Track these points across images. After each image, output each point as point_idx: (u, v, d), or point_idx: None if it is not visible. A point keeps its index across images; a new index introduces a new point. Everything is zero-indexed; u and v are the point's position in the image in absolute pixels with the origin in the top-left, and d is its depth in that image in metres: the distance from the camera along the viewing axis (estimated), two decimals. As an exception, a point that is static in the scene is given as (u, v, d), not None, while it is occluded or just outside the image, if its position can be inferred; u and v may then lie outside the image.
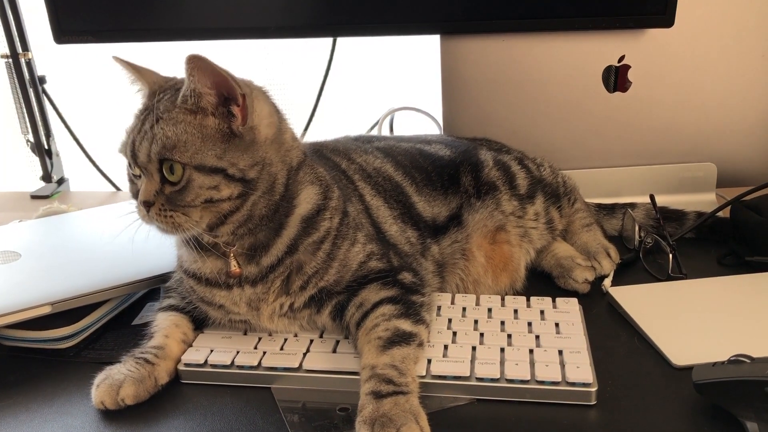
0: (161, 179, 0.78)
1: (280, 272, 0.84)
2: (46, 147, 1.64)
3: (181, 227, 0.78)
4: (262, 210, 0.82)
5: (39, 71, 1.59)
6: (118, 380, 0.79)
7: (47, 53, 1.57)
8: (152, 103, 0.80)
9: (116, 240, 0.87)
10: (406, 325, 0.81)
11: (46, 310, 0.89)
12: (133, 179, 0.83)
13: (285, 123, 0.88)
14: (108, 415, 0.78)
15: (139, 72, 0.84)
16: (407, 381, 0.74)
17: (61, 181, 1.68)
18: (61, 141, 1.66)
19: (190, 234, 0.80)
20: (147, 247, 0.91)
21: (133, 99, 0.86)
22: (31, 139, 1.62)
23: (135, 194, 0.82)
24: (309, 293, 0.86)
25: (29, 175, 1.71)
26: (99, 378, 0.80)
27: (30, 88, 1.57)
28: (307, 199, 0.86)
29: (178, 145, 0.76)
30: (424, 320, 0.83)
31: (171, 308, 0.92)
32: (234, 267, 0.83)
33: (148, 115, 0.79)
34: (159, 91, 0.81)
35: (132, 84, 0.85)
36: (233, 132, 0.79)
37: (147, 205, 0.78)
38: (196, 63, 0.75)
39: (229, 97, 0.78)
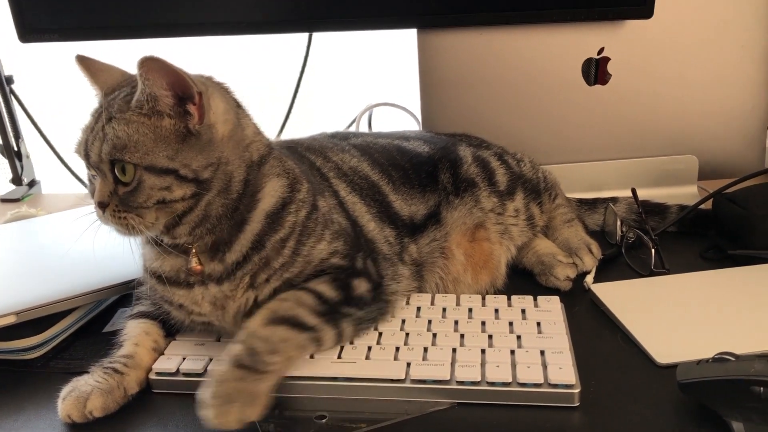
0: (114, 179, 0.76)
1: (248, 269, 0.82)
2: (16, 149, 1.60)
3: (135, 229, 0.76)
4: (219, 209, 0.80)
5: (6, 71, 1.54)
6: (85, 392, 0.76)
7: (14, 52, 1.53)
8: (106, 101, 0.78)
9: (84, 244, 0.84)
10: (309, 319, 0.79)
11: (11, 320, 0.87)
12: (91, 179, 0.81)
13: (246, 118, 0.85)
14: (76, 428, 0.76)
15: (92, 74, 0.81)
16: (274, 361, 0.73)
17: (32, 183, 1.64)
18: (31, 142, 1.62)
19: (146, 236, 0.79)
20: (117, 252, 0.88)
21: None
22: (0, 141, 1.57)
23: (91, 196, 0.80)
24: (273, 285, 0.83)
25: (-1, 178, 1.67)
26: (65, 390, 0.78)
27: (-3, 88, 1.53)
28: (271, 193, 0.83)
29: (128, 146, 0.74)
30: (338, 327, 0.81)
31: (141, 315, 0.89)
32: (195, 264, 0.81)
33: (101, 114, 0.77)
34: (113, 90, 0.79)
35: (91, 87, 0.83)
36: (190, 131, 0.76)
37: (102, 206, 0.76)
38: (149, 65, 0.72)
39: (184, 95, 0.76)
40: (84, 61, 0.82)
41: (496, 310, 0.90)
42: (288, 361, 0.76)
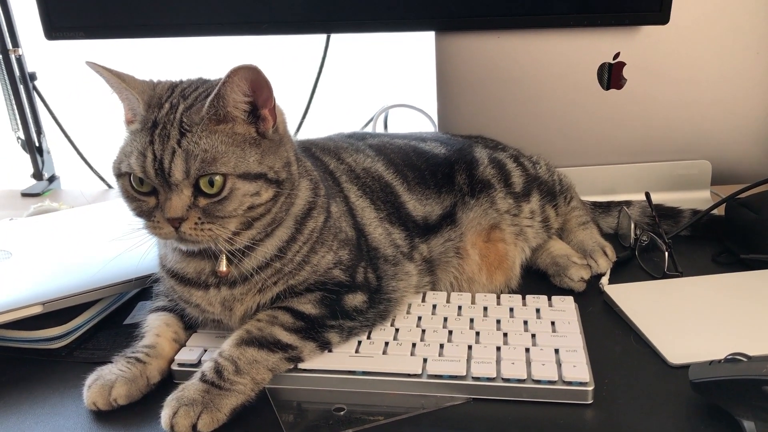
0: (193, 192, 0.74)
1: (268, 274, 0.82)
2: (37, 144, 1.62)
3: (219, 238, 0.76)
4: (283, 210, 0.81)
5: (29, 68, 1.57)
6: (109, 380, 0.78)
7: (38, 49, 1.55)
8: (160, 115, 0.75)
9: (107, 239, 0.85)
10: (284, 337, 0.79)
11: (38, 310, 0.89)
12: (137, 197, 0.77)
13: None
14: (101, 415, 0.78)
15: (124, 81, 0.78)
16: (239, 381, 0.75)
17: (52, 178, 1.66)
18: (52, 138, 1.64)
19: (219, 245, 0.77)
20: (137, 246, 0.90)
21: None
22: (22, 137, 1.60)
23: (143, 212, 0.77)
24: (278, 289, 0.84)
25: (20, 172, 1.69)
26: (90, 379, 0.80)
27: (20, 84, 1.55)
28: (301, 195, 0.85)
29: (218, 157, 0.73)
30: (320, 339, 0.81)
31: (161, 309, 0.91)
32: (225, 267, 0.81)
33: (163, 129, 0.74)
34: (160, 102, 0.77)
35: (113, 93, 0.79)
36: (264, 135, 0.77)
37: (178, 221, 0.74)
38: (238, 71, 0.72)
39: (258, 101, 0.76)
40: (105, 69, 0.78)
41: (511, 309, 0.92)
42: (255, 383, 0.76)
